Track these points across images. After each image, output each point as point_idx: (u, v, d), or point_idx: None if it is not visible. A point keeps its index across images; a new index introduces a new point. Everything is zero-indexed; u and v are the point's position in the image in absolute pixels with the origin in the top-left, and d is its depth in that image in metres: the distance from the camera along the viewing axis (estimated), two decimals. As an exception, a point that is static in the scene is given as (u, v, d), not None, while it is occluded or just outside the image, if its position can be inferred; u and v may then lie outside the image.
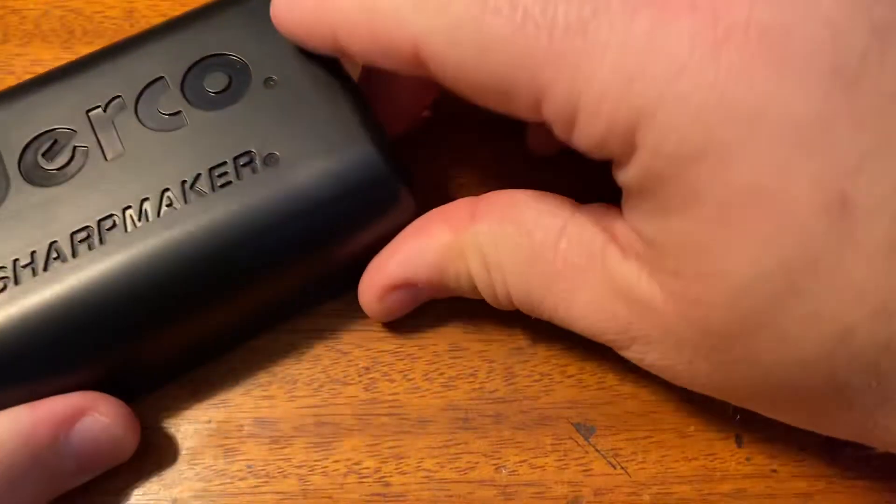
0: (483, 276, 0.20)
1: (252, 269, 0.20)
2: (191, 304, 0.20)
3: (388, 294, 0.21)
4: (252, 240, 0.19)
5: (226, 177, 0.20)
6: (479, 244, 0.20)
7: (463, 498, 0.21)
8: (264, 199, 0.19)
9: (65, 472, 0.20)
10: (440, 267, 0.21)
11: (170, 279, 0.19)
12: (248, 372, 0.22)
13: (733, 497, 0.21)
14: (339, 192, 0.20)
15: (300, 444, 0.22)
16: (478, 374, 0.22)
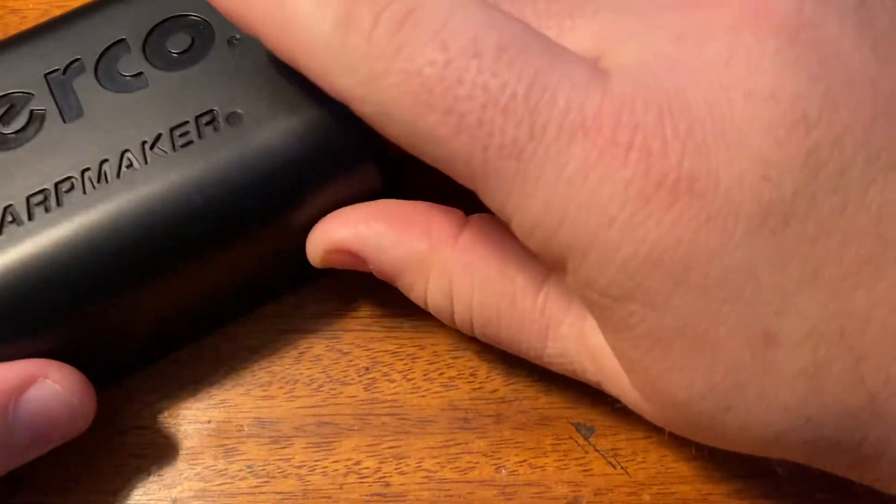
0: (441, 302, 0.20)
1: (214, 232, 0.19)
2: (153, 268, 0.19)
3: (336, 252, 0.20)
4: (214, 199, 0.19)
5: (187, 136, 0.19)
6: (450, 273, 0.20)
7: (463, 498, 0.21)
8: (226, 158, 0.19)
9: (17, 445, 0.19)
10: (400, 269, 0.20)
11: (130, 241, 0.19)
12: (248, 372, 0.22)
13: (733, 497, 0.21)
14: (303, 151, 0.19)
15: (300, 444, 0.22)
16: (478, 374, 0.22)
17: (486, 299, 0.19)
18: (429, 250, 0.20)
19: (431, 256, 0.20)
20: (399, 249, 0.20)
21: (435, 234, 0.20)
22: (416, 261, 0.20)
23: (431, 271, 0.20)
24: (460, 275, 0.20)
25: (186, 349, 0.23)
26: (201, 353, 0.22)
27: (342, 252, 0.20)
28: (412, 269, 0.20)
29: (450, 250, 0.20)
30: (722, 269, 0.15)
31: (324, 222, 0.20)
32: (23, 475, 0.21)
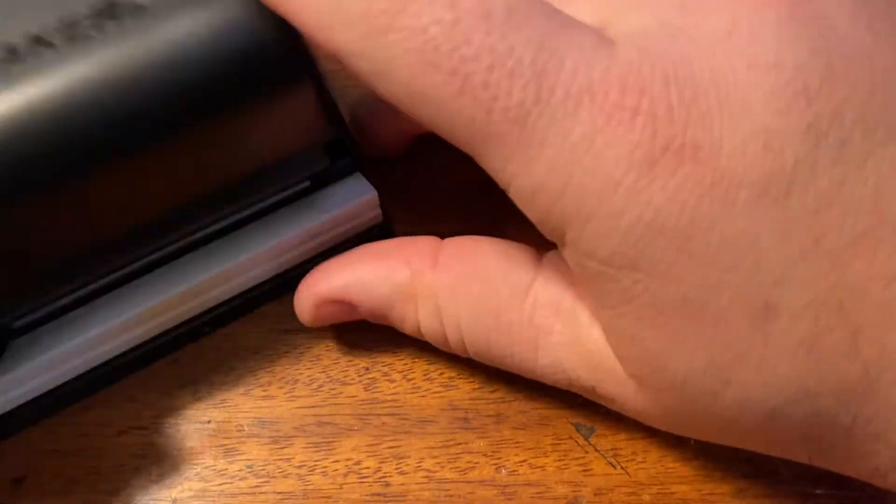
0: (432, 326, 0.20)
1: (116, 143, 0.16)
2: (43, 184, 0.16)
3: (325, 305, 0.21)
4: (112, 103, 0.16)
5: (83, 29, 0.16)
6: (435, 296, 0.20)
7: (463, 498, 0.21)
8: (127, 55, 0.16)
9: None
10: (388, 303, 0.20)
11: (11, 150, 0.16)
12: (248, 372, 0.22)
13: (733, 497, 0.21)
14: (216, 49, 0.17)
15: (300, 444, 0.22)
16: (478, 374, 0.22)
17: (472, 317, 0.20)
18: (411, 279, 0.20)
19: (415, 284, 0.20)
20: (383, 286, 0.20)
21: (414, 263, 0.20)
22: (401, 292, 0.20)
23: (417, 299, 0.20)
24: (445, 297, 0.20)
25: (186, 349, 0.23)
26: (201, 352, 0.22)
27: (330, 303, 0.21)
28: (400, 301, 0.20)
29: (430, 274, 0.20)
30: (723, 237, 0.15)
31: (306, 280, 0.21)
32: (23, 475, 0.21)
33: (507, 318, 0.19)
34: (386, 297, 0.20)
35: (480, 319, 0.20)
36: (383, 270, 0.20)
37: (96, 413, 0.22)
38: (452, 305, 0.20)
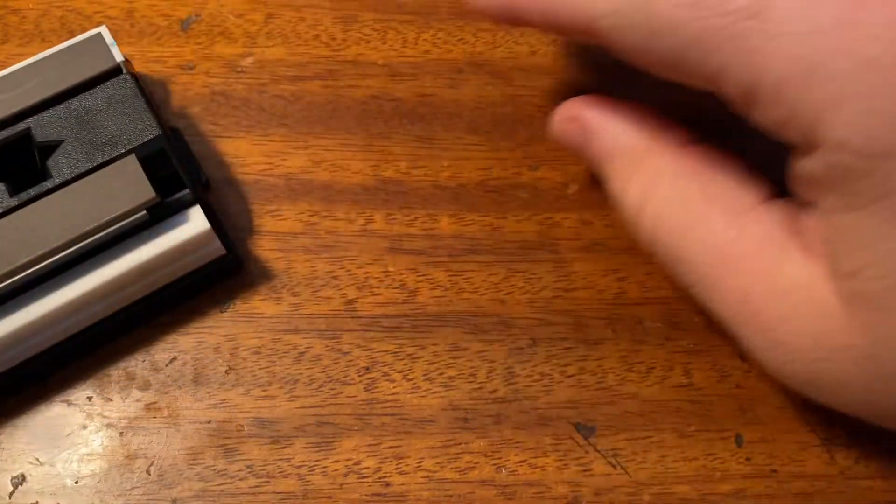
0: (635, 198, 0.20)
1: None
2: None
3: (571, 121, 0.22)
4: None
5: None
6: (656, 175, 0.20)
7: (463, 498, 0.21)
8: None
9: None
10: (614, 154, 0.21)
11: None
12: (248, 372, 0.22)
13: (733, 497, 0.21)
14: None
15: (300, 444, 0.22)
16: (478, 374, 0.22)
17: (678, 208, 0.19)
18: (647, 150, 0.20)
19: (647, 155, 0.20)
20: (623, 137, 0.21)
21: (659, 139, 0.20)
22: (633, 153, 0.20)
23: (640, 166, 0.20)
24: (664, 178, 0.20)
25: (186, 349, 0.23)
26: (201, 352, 0.22)
27: (576, 122, 0.21)
28: (625, 158, 0.20)
29: (666, 156, 0.20)
30: None
31: (572, 99, 0.22)
32: (22, 475, 0.21)
33: (711, 225, 0.19)
34: (617, 149, 0.21)
35: (685, 214, 0.19)
36: (632, 128, 0.21)
37: (95, 413, 0.22)
38: (667, 190, 0.20)
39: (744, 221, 0.19)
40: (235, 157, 0.25)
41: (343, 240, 0.24)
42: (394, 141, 0.25)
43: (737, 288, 0.18)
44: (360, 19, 0.27)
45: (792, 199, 0.19)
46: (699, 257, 0.19)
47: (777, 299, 0.18)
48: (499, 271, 0.24)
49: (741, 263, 0.18)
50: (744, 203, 0.19)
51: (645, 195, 0.20)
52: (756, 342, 0.18)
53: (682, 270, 0.20)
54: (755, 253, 0.18)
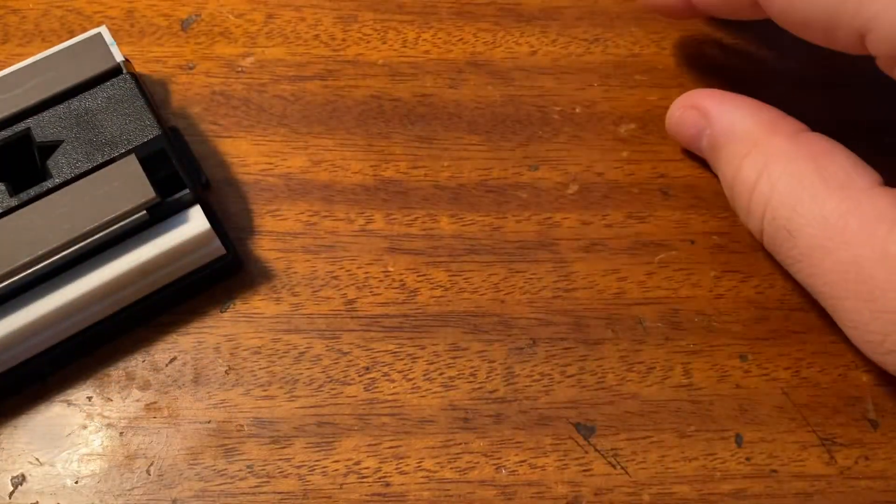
0: (748, 175, 0.21)
1: None
2: None
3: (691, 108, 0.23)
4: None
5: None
6: (771, 155, 0.21)
7: (463, 498, 0.21)
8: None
9: None
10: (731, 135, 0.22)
11: None
12: (248, 372, 0.22)
13: (733, 497, 0.21)
14: None
15: (300, 444, 0.22)
16: (478, 374, 0.22)
17: (791, 184, 0.20)
18: (765, 132, 0.22)
19: (764, 136, 0.22)
20: (744, 121, 0.22)
21: (778, 124, 0.22)
22: (751, 136, 0.22)
23: (756, 147, 0.21)
24: (779, 158, 0.21)
25: (186, 349, 0.23)
26: (201, 352, 0.22)
27: (697, 109, 0.23)
28: (742, 139, 0.22)
29: (782, 139, 0.21)
30: None
31: (691, 91, 0.24)
32: (22, 475, 0.21)
33: (824, 201, 0.20)
34: (736, 131, 0.22)
35: (798, 190, 0.20)
36: (754, 113, 0.22)
37: (95, 414, 0.22)
38: (782, 169, 0.21)
39: (857, 199, 0.19)
40: (235, 157, 0.25)
41: (343, 240, 0.24)
42: (394, 141, 0.25)
43: (845, 260, 0.19)
44: (360, 19, 0.27)
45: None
46: (810, 230, 0.20)
47: (886, 266, 0.18)
48: (499, 271, 0.24)
49: (852, 237, 0.19)
50: (857, 184, 0.20)
51: (759, 173, 0.21)
52: (859, 315, 0.19)
53: (790, 245, 0.21)
54: (867, 228, 0.19)
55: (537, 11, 0.27)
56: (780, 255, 0.21)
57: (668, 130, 0.25)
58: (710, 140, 0.23)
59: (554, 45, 0.27)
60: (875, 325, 0.19)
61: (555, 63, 0.27)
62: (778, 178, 0.21)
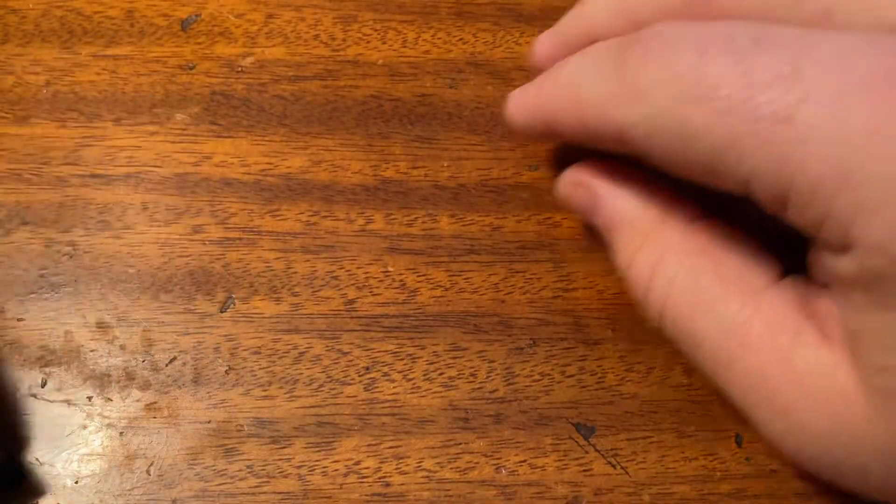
0: (642, 272, 0.20)
1: None
2: None
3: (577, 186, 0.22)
4: None
5: None
6: (665, 249, 0.20)
7: (463, 498, 0.21)
8: None
9: None
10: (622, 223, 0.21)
11: None
12: (248, 372, 0.22)
13: (733, 497, 0.21)
14: None
15: (300, 444, 0.22)
16: (478, 374, 0.22)
17: (688, 286, 0.19)
18: (658, 221, 0.20)
19: (657, 227, 0.20)
20: (631, 209, 0.21)
21: (668, 213, 0.20)
22: (642, 224, 0.20)
23: (648, 240, 0.20)
24: (674, 254, 0.20)
25: (186, 349, 0.23)
26: (201, 352, 0.22)
27: (583, 188, 0.22)
28: (633, 229, 0.20)
29: (675, 229, 0.20)
30: None
31: (581, 163, 0.22)
32: (22, 475, 0.21)
33: (723, 306, 0.19)
34: (625, 219, 0.21)
35: (694, 294, 0.19)
36: (642, 198, 0.21)
37: (95, 414, 0.22)
38: (676, 266, 0.19)
39: (757, 302, 0.18)
40: (235, 157, 0.25)
41: (343, 240, 0.24)
42: (394, 141, 0.25)
43: (751, 370, 0.18)
44: (360, 19, 0.27)
45: (802, 277, 0.19)
46: (712, 338, 0.19)
47: (794, 384, 0.18)
48: (499, 271, 0.24)
49: (756, 346, 0.18)
50: (757, 283, 0.19)
51: (653, 271, 0.20)
52: (771, 426, 0.18)
53: (693, 350, 0.19)
54: (770, 336, 0.18)
55: (537, 11, 0.27)
56: (687, 356, 0.20)
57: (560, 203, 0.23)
58: (601, 224, 0.22)
59: (554, 45, 0.27)
60: (788, 438, 0.18)
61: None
62: (674, 275, 0.19)
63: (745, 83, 0.16)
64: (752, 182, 0.17)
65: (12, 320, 0.22)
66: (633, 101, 0.18)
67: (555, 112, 0.20)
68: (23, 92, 0.25)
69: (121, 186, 0.24)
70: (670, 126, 0.17)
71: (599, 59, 0.19)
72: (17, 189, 0.24)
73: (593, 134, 0.19)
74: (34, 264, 0.23)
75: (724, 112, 0.16)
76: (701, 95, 0.16)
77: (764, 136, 0.16)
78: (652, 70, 0.17)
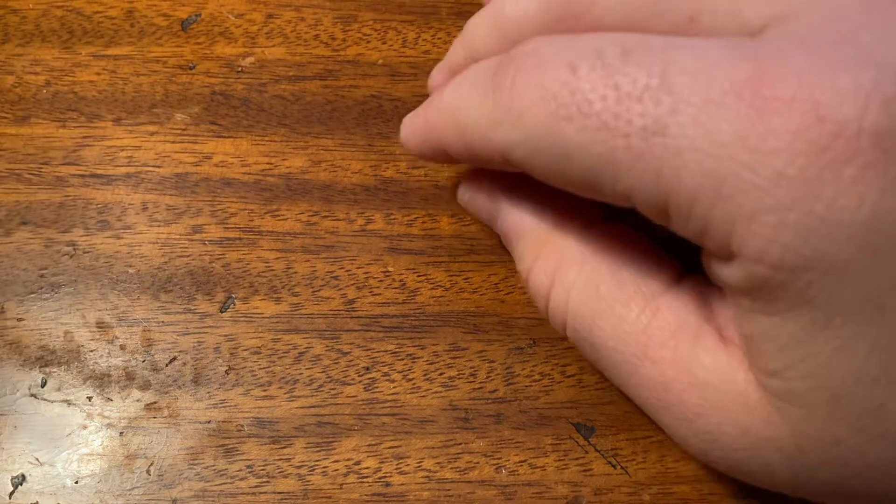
0: (541, 280, 0.20)
1: None
2: None
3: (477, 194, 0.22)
4: None
5: None
6: (561, 256, 0.20)
7: (463, 498, 0.21)
8: None
9: None
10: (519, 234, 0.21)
11: None
12: (248, 372, 0.22)
13: (733, 497, 0.21)
14: None
15: (300, 444, 0.22)
16: (478, 374, 0.22)
17: (587, 293, 0.19)
18: (553, 229, 0.20)
19: (552, 235, 0.20)
20: (528, 217, 0.21)
21: (564, 219, 0.20)
22: (538, 233, 0.20)
23: (545, 248, 0.20)
24: (570, 261, 0.20)
25: (186, 349, 0.23)
26: (201, 352, 0.22)
27: (481, 197, 0.22)
28: (530, 239, 0.21)
29: (572, 236, 0.20)
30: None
31: (478, 171, 0.22)
32: (22, 475, 0.21)
33: (622, 313, 0.19)
34: (523, 230, 0.21)
35: (593, 301, 0.19)
36: (537, 208, 0.21)
37: (94, 414, 0.22)
38: (574, 274, 0.19)
39: (656, 306, 0.18)
40: (235, 157, 0.25)
41: (343, 240, 0.24)
42: (394, 141, 0.25)
43: (654, 377, 0.18)
44: (360, 19, 0.27)
45: (701, 277, 0.19)
46: (612, 344, 0.19)
47: (696, 391, 0.18)
48: (499, 271, 0.24)
49: (656, 353, 0.18)
50: (655, 287, 0.19)
51: (551, 279, 0.20)
52: (677, 430, 0.18)
53: (596, 357, 0.20)
54: (670, 341, 0.18)
55: (537, 11, 0.27)
56: (592, 364, 0.20)
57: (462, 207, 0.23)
58: (501, 233, 0.22)
59: (554, 45, 0.27)
60: (695, 440, 0.18)
61: (555, 63, 0.27)
62: (572, 285, 0.19)
63: (616, 98, 0.16)
64: (632, 196, 0.16)
65: (12, 320, 0.22)
66: (509, 123, 0.18)
67: (440, 137, 0.20)
68: (23, 92, 0.25)
69: (121, 186, 0.24)
70: (547, 145, 0.17)
71: (476, 81, 0.19)
72: (17, 189, 0.24)
73: (478, 156, 0.19)
74: (34, 264, 0.23)
75: (597, 128, 0.16)
76: (574, 113, 0.16)
77: (637, 151, 0.16)
78: (525, 89, 0.17)
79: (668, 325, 0.18)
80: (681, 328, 0.18)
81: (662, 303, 0.18)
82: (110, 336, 0.23)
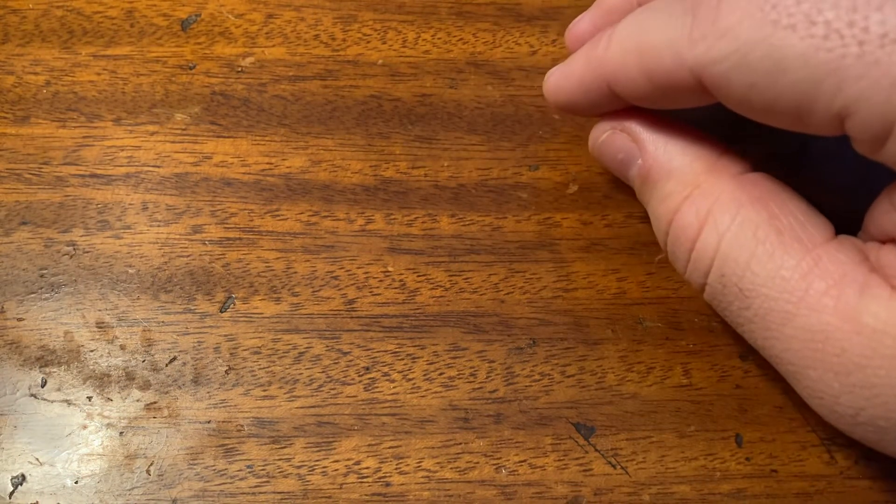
0: (688, 222, 0.19)
1: None
2: None
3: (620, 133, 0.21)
4: None
5: None
6: (715, 198, 0.19)
7: (463, 498, 0.21)
8: None
9: None
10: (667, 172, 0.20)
11: None
12: (248, 372, 0.22)
13: (733, 497, 0.21)
14: None
15: (300, 444, 0.22)
16: (478, 374, 0.22)
17: (743, 237, 0.18)
18: (707, 170, 0.19)
19: (706, 176, 0.19)
20: (683, 156, 0.20)
21: (720, 162, 0.19)
22: (689, 173, 0.19)
23: (697, 189, 0.19)
24: (726, 203, 0.19)
25: (186, 349, 0.23)
26: (201, 352, 0.22)
27: (624, 134, 0.21)
28: (681, 178, 0.19)
29: (728, 178, 0.19)
30: None
31: (618, 111, 0.21)
32: (22, 474, 0.21)
33: (781, 258, 0.18)
34: (672, 168, 0.20)
35: (751, 244, 0.18)
36: (690, 146, 0.20)
37: (94, 413, 0.22)
38: (729, 217, 0.19)
39: (817, 255, 0.18)
40: (235, 157, 0.25)
41: (343, 240, 0.24)
42: (394, 141, 0.25)
43: (811, 325, 0.17)
44: (360, 19, 0.27)
45: (856, 239, 0.18)
46: (766, 291, 0.18)
47: (863, 339, 0.17)
48: (499, 271, 0.24)
49: (817, 300, 0.17)
50: (814, 237, 0.18)
51: (703, 220, 0.19)
52: (827, 386, 0.17)
53: (741, 305, 0.18)
54: (832, 290, 0.17)
55: (537, 11, 0.27)
56: (729, 314, 0.19)
57: (591, 152, 0.22)
58: (641, 172, 0.20)
59: (554, 45, 0.27)
60: (847, 398, 0.17)
61: (555, 63, 0.27)
62: (727, 227, 0.18)
63: (850, 5, 0.15)
64: (850, 115, 0.16)
65: (12, 320, 0.22)
66: (714, 36, 0.17)
67: (610, 71, 0.19)
68: (23, 92, 0.25)
69: (121, 186, 0.24)
70: (758, 57, 0.16)
71: (666, 6, 0.18)
72: (17, 189, 0.24)
73: (661, 83, 0.18)
74: (34, 264, 0.23)
75: (825, 36, 0.15)
76: (799, 21, 0.16)
77: (873, 58, 0.15)
78: (737, 2, 0.16)
79: (830, 273, 0.17)
80: (845, 277, 0.17)
81: (823, 252, 0.18)
82: (110, 336, 0.23)
